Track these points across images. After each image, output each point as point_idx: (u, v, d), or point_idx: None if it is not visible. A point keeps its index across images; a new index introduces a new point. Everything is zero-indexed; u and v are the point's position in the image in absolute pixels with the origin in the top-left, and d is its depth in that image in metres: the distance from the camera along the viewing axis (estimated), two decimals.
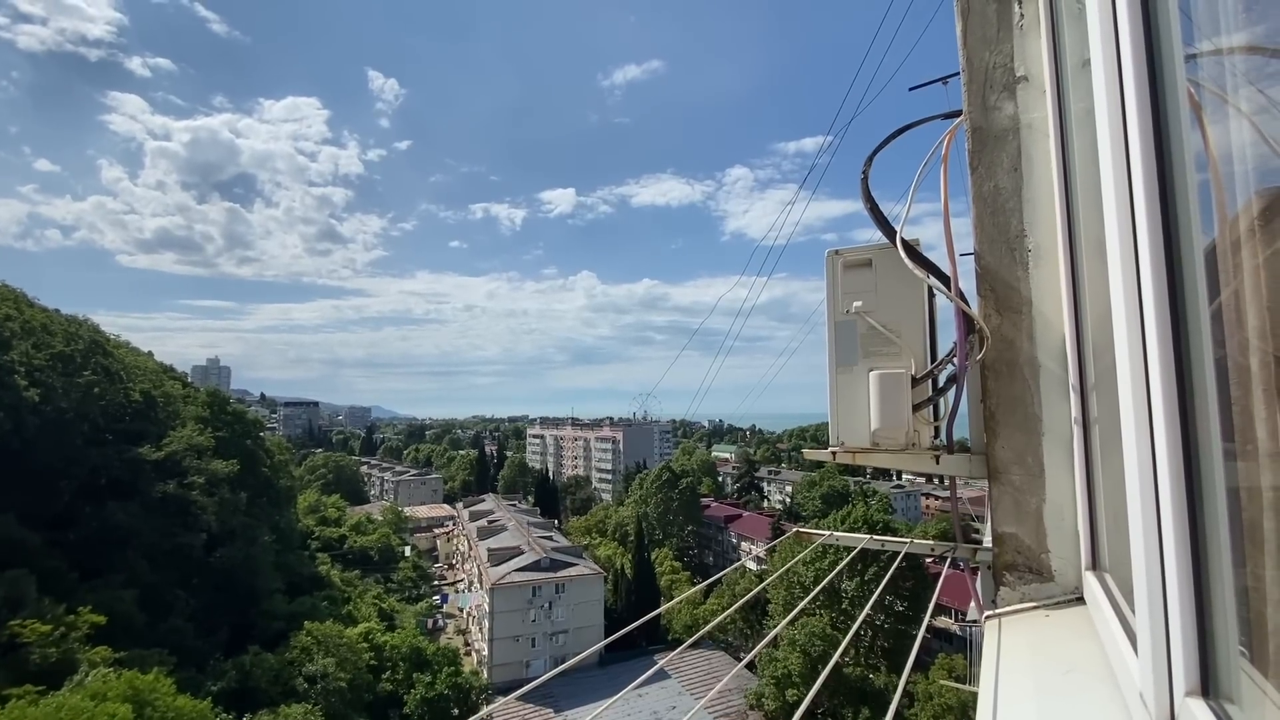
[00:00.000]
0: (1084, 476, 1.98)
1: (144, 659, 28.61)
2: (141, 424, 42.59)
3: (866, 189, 2.61)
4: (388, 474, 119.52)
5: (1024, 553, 2.21)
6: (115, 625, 30.58)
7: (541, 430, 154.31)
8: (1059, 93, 2.08)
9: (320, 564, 54.57)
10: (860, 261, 2.71)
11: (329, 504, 72.06)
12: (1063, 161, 2.07)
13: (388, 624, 47.05)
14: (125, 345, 52.18)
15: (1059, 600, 2.12)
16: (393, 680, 39.31)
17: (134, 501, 38.55)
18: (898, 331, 2.59)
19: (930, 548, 2.98)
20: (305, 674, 35.00)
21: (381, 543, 66.32)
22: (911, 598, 38.04)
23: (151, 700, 22.77)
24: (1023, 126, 2.28)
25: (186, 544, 39.58)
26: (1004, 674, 1.73)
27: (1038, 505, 2.19)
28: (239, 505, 44.64)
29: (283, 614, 41.24)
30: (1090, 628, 1.83)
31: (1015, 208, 2.28)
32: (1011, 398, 2.27)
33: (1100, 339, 1.88)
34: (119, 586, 34.50)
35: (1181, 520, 0.96)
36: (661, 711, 37.32)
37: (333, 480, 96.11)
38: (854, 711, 36.00)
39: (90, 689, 22.37)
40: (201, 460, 43.07)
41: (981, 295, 2.36)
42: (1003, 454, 2.27)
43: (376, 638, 41.48)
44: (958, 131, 2.56)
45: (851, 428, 2.64)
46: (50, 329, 40.36)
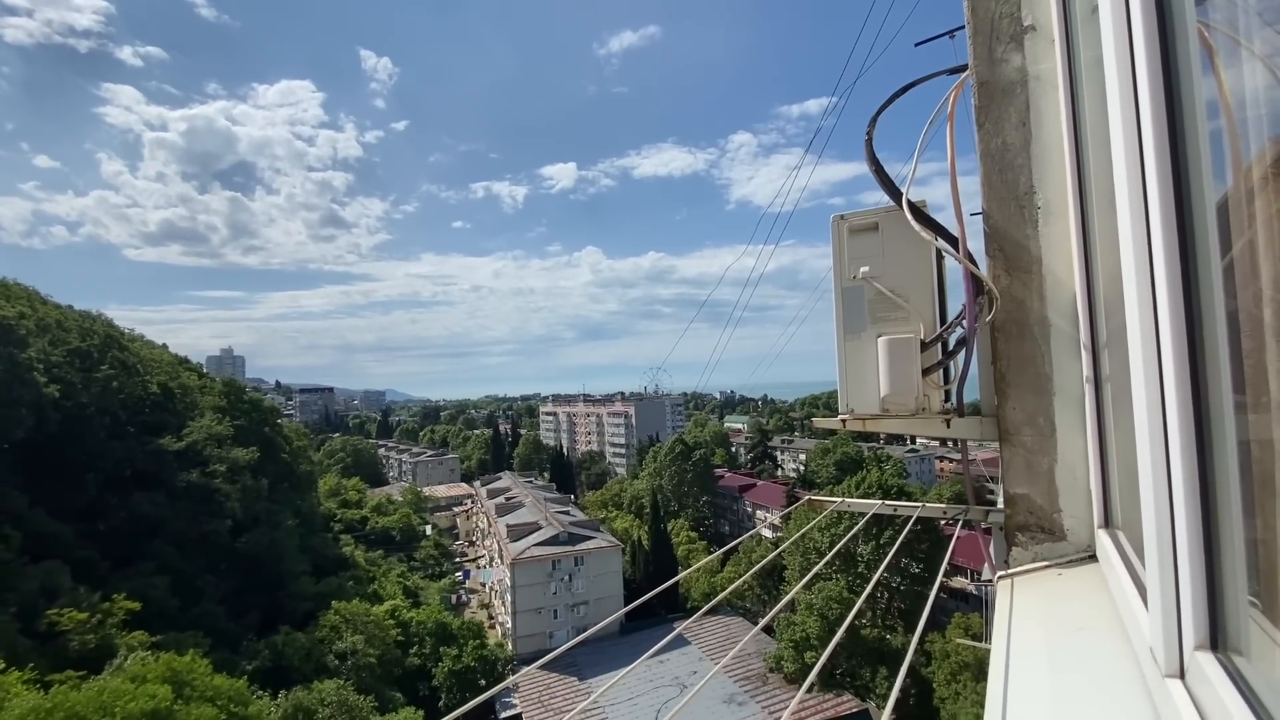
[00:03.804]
0: (1096, 435, 1.97)
1: (180, 642, 29.54)
2: (161, 415, 43.31)
3: (871, 150, 2.55)
4: (405, 456, 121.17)
5: (1036, 513, 2.21)
6: (149, 611, 31.55)
7: (554, 408, 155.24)
8: (1068, 42, 2.01)
9: (344, 545, 55.79)
10: (866, 226, 2.67)
11: (349, 487, 73.38)
12: (1072, 114, 2.01)
13: (413, 601, 48.19)
14: (139, 339, 52.79)
15: (1071, 559, 2.12)
16: (420, 655, 40.43)
17: (159, 491, 39.44)
18: (906, 296, 2.55)
19: (942, 510, 2.98)
20: (335, 651, 36.05)
21: (403, 523, 67.62)
22: (927, 559, 38.40)
23: (190, 680, 23.47)
24: (1031, 78, 2.21)
25: (213, 531, 40.57)
26: (1016, 632, 1.74)
27: (1049, 465, 2.18)
28: (261, 491, 45.53)
29: (310, 595, 42.30)
30: (1102, 585, 1.83)
31: (1024, 164, 2.22)
32: (1022, 358, 2.24)
33: (1112, 296, 1.85)
34: (150, 574, 35.51)
35: (1191, 474, 0.95)
36: (683, 676, 38.10)
37: (351, 464, 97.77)
38: (871, 671, 36.66)
39: (130, 672, 23.09)
40: (222, 449, 43.84)
41: (990, 255, 2.31)
42: (1014, 415, 2.25)
43: (402, 614, 42.54)
44: (964, 87, 2.48)
45: (861, 395, 2.63)
46: (65, 325, 40.86)
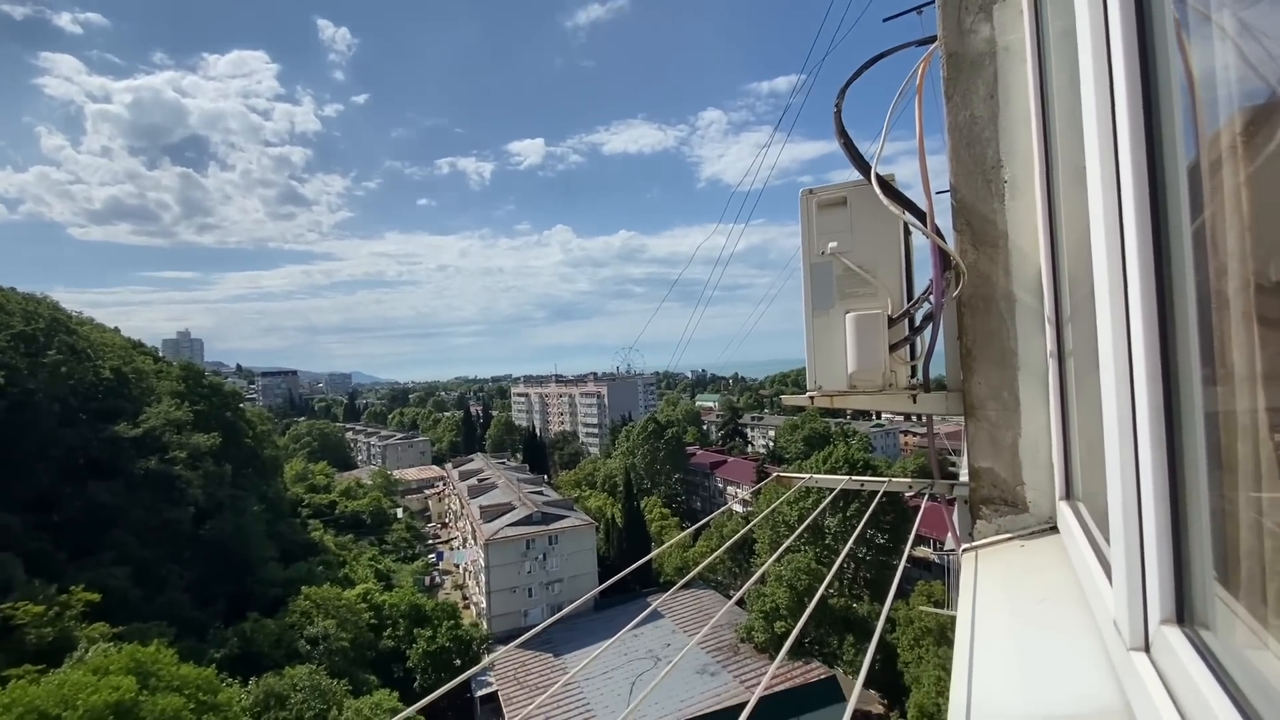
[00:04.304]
0: (1059, 408, 1.99)
1: (143, 632, 28.83)
2: (115, 401, 41.72)
3: (840, 123, 2.51)
4: (374, 439, 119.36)
5: (1000, 486, 2.24)
6: (111, 602, 30.68)
7: (526, 389, 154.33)
8: (1037, 11, 1.98)
9: (313, 530, 54.91)
10: (835, 200, 2.64)
11: (316, 471, 72.07)
12: (1040, 87, 1.99)
13: (385, 584, 47.83)
14: (89, 322, 50.51)
15: (1033, 530, 2.16)
16: (394, 637, 40.29)
17: (116, 480, 38.15)
18: (874, 271, 2.54)
19: (908, 485, 3.02)
20: (307, 636, 35.64)
21: (373, 506, 66.78)
22: (891, 530, 39.61)
23: (155, 671, 22.98)
24: (999, 50, 2.18)
25: (174, 519, 39.50)
26: (980, 604, 1.76)
27: (1013, 439, 2.20)
28: (224, 477, 44.41)
29: (279, 581, 41.63)
30: (1063, 556, 1.86)
31: (991, 137, 2.20)
32: (988, 333, 2.25)
33: (1077, 271, 1.85)
34: (110, 564, 34.45)
35: (1160, 449, 0.94)
36: (657, 650, 38.77)
37: (318, 448, 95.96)
38: (839, 639, 37.85)
39: (91, 664, 22.50)
40: (181, 435, 42.51)
41: (958, 230, 2.30)
42: (979, 390, 2.27)
43: (375, 597, 42.23)
44: (933, 59, 2.45)
45: (829, 371, 2.62)
46: (7, 309, 38.87)
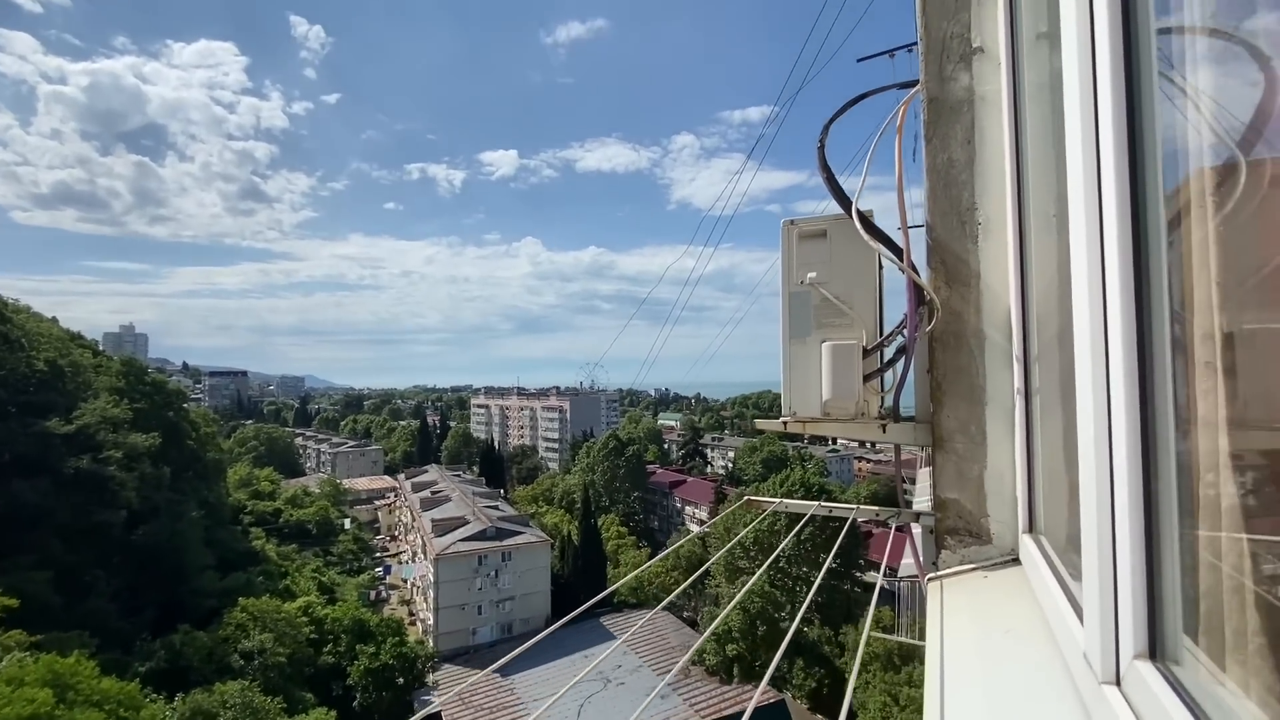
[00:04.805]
0: (1024, 443, 2.06)
1: (63, 642, 27.10)
2: (48, 395, 39.43)
3: (823, 158, 2.58)
4: (324, 446, 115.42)
5: (965, 517, 2.30)
6: (29, 608, 28.64)
7: (486, 400, 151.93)
8: (1014, 65, 2.08)
9: (254, 539, 52.65)
10: (815, 232, 2.70)
11: (262, 477, 69.18)
12: (1015, 135, 2.09)
13: (328, 597, 46.08)
14: (25, 310, 47.81)
15: (996, 562, 2.22)
16: (335, 653, 38.71)
17: (43, 478, 35.93)
18: (850, 303, 2.60)
19: (875, 513, 3.07)
20: (241, 650, 33.98)
21: (319, 516, 64.39)
22: (842, 554, 40.17)
23: (74, 684, 21.61)
24: (977, 99, 2.28)
25: (105, 522, 37.36)
26: (948, 634, 1.80)
27: (979, 472, 2.27)
28: (162, 480, 42.32)
29: (215, 591, 39.76)
30: (1026, 588, 1.92)
31: (967, 180, 2.30)
32: (958, 368, 2.32)
33: (1044, 311, 1.93)
34: (30, 568, 32.37)
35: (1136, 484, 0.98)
36: (607, 671, 38.22)
37: (265, 453, 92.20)
38: (789, 662, 38.02)
39: (5, 674, 21.03)
40: (118, 434, 40.38)
41: (932, 267, 2.38)
42: (948, 423, 2.33)
43: (317, 611, 40.59)
44: (913, 102, 2.55)
45: (804, 398, 2.66)
46: None
